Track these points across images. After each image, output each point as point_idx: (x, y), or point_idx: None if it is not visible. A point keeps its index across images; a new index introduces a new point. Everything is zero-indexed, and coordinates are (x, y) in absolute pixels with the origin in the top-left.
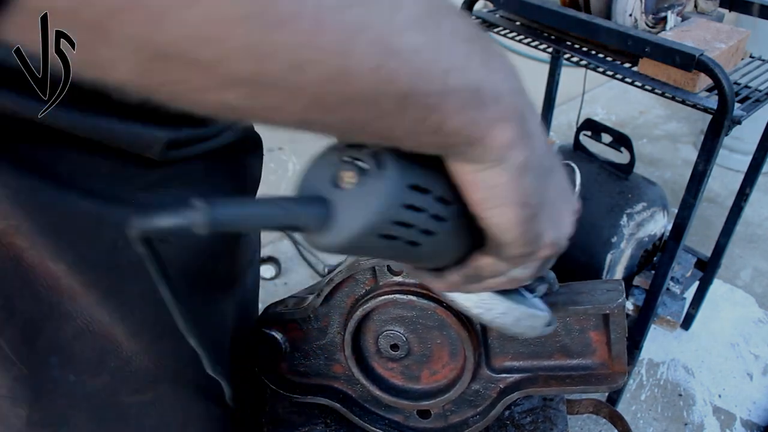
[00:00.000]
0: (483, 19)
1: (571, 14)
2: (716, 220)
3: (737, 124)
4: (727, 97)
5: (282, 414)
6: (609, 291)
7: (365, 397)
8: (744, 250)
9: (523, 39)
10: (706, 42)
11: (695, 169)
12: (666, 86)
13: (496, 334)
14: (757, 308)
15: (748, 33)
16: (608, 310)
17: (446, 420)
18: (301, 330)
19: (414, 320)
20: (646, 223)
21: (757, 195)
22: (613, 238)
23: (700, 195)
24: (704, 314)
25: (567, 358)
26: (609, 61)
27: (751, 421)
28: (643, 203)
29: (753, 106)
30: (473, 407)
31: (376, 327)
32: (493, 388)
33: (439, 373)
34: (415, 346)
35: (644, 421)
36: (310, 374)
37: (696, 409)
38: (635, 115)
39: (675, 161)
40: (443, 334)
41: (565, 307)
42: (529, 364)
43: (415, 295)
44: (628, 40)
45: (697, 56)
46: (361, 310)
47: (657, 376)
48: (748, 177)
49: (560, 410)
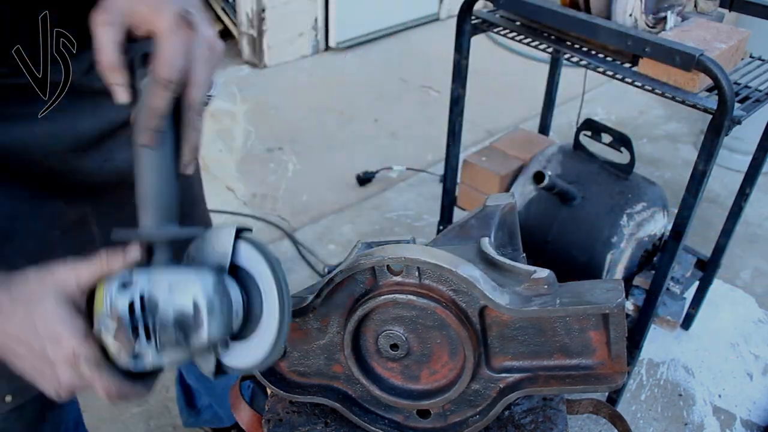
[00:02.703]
0: (483, 19)
1: (571, 14)
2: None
3: (737, 124)
4: (727, 97)
5: (282, 414)
6: (609, 291)
7: (365, 396)
8: (744, 250)
9: (523, 39)
10: (706, 42)
11: (695, 169)
12: (666, 86)
13: (496, 334)
14: (757, 308)
15: (748, 33)
16: (608, 310)
17: (446, 420)
18: (301, 330)
19: (414, 320)
20: (646, 223)
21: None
22: (613, 238)
23: (700, 195)
24: (704, 314)
25: (567, 357)
26: (609, 61)
27: (751, 421)
28: (643, 203)
29: (753, 106)
30: (473, 407)
31: (375, 327)
32: (492, 387)
33: (439, 372)
34: (414, 346)
35: (644, 421)
36: (310, 374)
37: (696, 409)
38: (635, 115)
39: (675, 161)
40: (443, 333)
41: (565, 307)
42: (529, 364)
43: (415, 295)
44: (628, 40)
45: (697, 56)
46: (361, 309)
47: (657, 376)
48: (748, 177)
49: (560, 410)
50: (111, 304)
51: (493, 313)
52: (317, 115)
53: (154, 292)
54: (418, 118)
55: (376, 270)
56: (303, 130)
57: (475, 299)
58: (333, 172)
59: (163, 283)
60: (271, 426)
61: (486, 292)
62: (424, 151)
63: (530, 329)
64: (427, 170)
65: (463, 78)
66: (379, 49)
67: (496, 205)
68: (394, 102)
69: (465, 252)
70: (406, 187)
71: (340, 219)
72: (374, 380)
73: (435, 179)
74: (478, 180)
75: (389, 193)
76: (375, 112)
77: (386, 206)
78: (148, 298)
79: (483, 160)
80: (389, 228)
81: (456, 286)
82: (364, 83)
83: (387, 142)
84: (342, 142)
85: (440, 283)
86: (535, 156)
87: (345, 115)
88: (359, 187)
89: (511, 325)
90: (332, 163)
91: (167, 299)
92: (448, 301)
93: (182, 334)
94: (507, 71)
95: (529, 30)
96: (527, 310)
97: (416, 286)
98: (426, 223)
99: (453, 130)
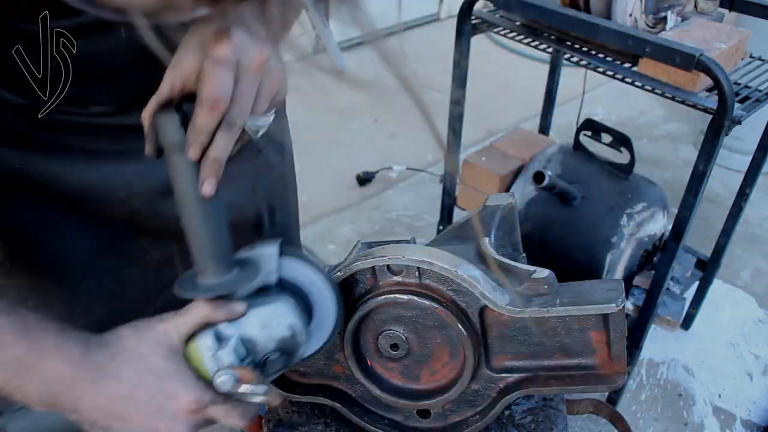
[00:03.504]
0: (483, 19)
1: (572, 14)
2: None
3: (737, 124)
4: (727, 97)
5: (282, 414)
6: (609, 291)
7: (365, 396)
8: (744, 250)
9: (523, 39)
10: (706, 42)
11: (695, 169)
12: (666, 86)
13: (496, 334)
14: (757, 308)
15: (748, 33)
16: (608, 310)
17: (446, 419)
18: None
19: (414, 320)
20: (646, 223)
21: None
22: (613, 238)
23: (700, 195)
24: (704, 314)
25: (567, 357)
26: (609, 61)
27: (751, 421)
28: (643, 203)
29: (753, 106)
30: (473, 407)
31: (375, 327)
32: (492, 387)
33: (439, 372)
34: (414, 346)
35: (644, 421)
36: (310, 374)
37: (696, 409)
38: (635, 115)
39: (675, 161)
40: (443, 333)
41: (565, 307)
42: (529, 364)
43: (415, 295)
44: (628, 40)
45: (697, 56)
46: (361, 309)
47: (657, 376)
48: (748, 177)
49: (560, 410)
50: (218, 360)
51: (493, 313)
52: (317, 115)
53: (248, 333)
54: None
55: (376, 270)
56: (303, 130)
57: (475, 299)
58: (333, 172)
59: (253, 322)
60: (271, 426)
61: (486, 292)
62: (424, 151)
63: (530, 329)
64: (427, 170)
65: (463, 78)
66: None
67: (496, 205)
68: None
69: (465, 252)
70: (406, 187)
71: (340, 219)
72: (374, 380)
73: (435, 179)
74: (478, 180)
75: (389, 193)
76: (375, 112)
77: (386, 206)
78: (245, 342)
79: (483, 160)
80: (389, 228)
81: (456, 286)
82: None
83: (387, 142)
84: (342, 142)
85: (440, 283)
86: (535, 156)
87: (345, 115)
88: (359, 187)
89: (511, 325)
90: (332, 163)
91: (264, 334)
92: (448, 301)
93: (286, 357)
94: (507, 71)
95: (529, 30)
96: (527, 310)
97: (416, 286)
98: (426, 223)
99: (453, 130)
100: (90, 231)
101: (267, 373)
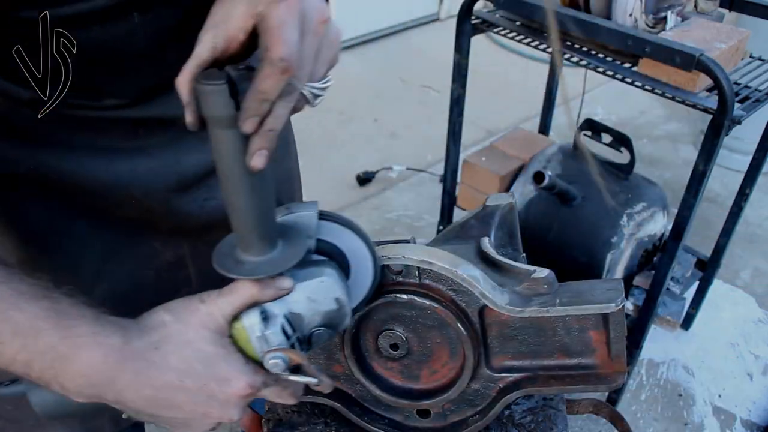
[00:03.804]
0: (483, 19)
1: (572, 14)
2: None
3: (737, 124)
4: (727, 97)
5: (282, 414)
6: (609, 291)
7: (365, 396)
8: (744, 250)
9: (523, 39)
10: (706, 42)
11: (695, 169)
12: (666, 86)
13: (496, 334)
14: (757, 308)
15: (748, 33)
16: (608, 310)
17: (446, 419)
18: None
19: (413, 320)
20: (646, 223)
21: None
22: (613, 238)
23: (700, 195)
24: (704, 314)
25: (567, 357)
26: (609, 61)
27: (751, 421)
28: (643, 203)
29: (753, 106)
30: (473, 406)
31: (375, 326)
32: (492, 387)
33: (439, 372)
34: (414, 346)
35: (644, 421)
36: None
37: (696, 409)
38: (635, 115)
39: (675, 161)
40: (443, 333)
41: (564, 307)
42: (529, 364)
43: (415, 295)
44: (628, 40)
45: (697, 56)
46: (361, 309)
47: (657, 376)
48: (748, 177)
49: (560, 410)
50: (267, 341)
51: (493, 312)
52: (317, 115)
53: (294, 309)
54: (418, 118)
55: None
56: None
57: (474, 299)
58: (333, 172)
59: (300, 298)
60: (271, 426)
61: (486, 292)
62: (424, 151)
63: (530, 329)
64: (427, 170)
65: (463, 78)
66: (378, 49)
67: (496, 205)
68: (394, 102)
69: (465, 252)
70: (406, 187)
71: None
72: (374, 380)
73: (435, 179)
74: (478, 180)
75: (389, 193)
76: (375, 112)
77: (386, 206)
78: (292, 318)
79: (483, 160)
80: (389, 228)
81: (456, 285)
82: (363, 83)
83: (387, 142)
84: (342, 142)
85: (440, 283)
86: (535, 156)
87: (345, 115)
88: (359, 187)
89: (510, 325)
90: (332, 163)
91: (311, 308)
92: (447, 300)
93: (332, 328)
94: (507, 71)
95: (529, 30)
96: (527, 310)
97: (416, 285)
98: (426, 223)
99: (453, 130)
100: (103, 232)
101: (312, 348)
